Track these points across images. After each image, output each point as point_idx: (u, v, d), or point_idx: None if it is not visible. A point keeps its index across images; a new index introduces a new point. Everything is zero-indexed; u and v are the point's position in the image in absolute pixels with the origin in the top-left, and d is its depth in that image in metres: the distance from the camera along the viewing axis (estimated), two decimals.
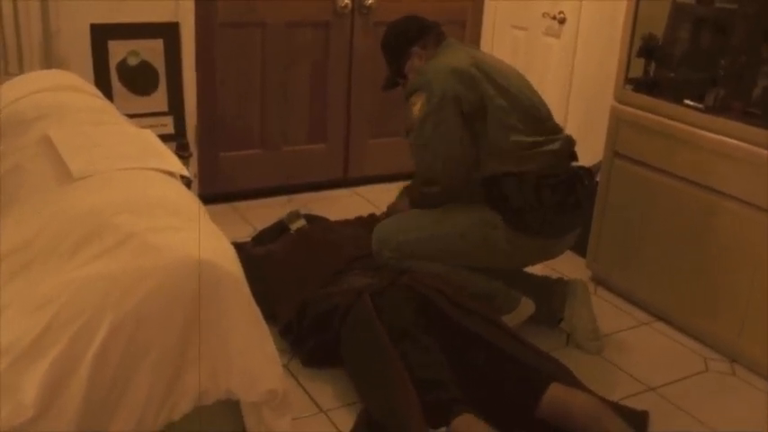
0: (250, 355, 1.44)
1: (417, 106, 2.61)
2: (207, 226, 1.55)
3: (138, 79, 3.47)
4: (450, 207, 2.71)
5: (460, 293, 2.57)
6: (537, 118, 2.68)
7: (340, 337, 2.48)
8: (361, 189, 4.23)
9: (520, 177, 2.58)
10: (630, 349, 2.80)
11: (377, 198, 4.10)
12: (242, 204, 3.91)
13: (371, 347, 2.38)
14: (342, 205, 4.02)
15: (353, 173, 4.25)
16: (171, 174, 1.71)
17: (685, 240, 2.83)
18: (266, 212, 3.82)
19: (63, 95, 2.05)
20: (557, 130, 2.75)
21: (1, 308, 1.36)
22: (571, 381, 2.36)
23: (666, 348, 2.83)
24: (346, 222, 3.19)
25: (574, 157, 2.76)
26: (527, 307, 2.73)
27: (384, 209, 3.93)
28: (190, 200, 1.65)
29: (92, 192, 1.57)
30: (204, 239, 1.43)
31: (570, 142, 2.73)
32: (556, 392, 2.27)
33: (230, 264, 1.43)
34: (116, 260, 1.36)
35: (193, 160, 3.68)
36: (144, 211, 1.49)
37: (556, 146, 2.65)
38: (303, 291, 2.66)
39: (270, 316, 2.73)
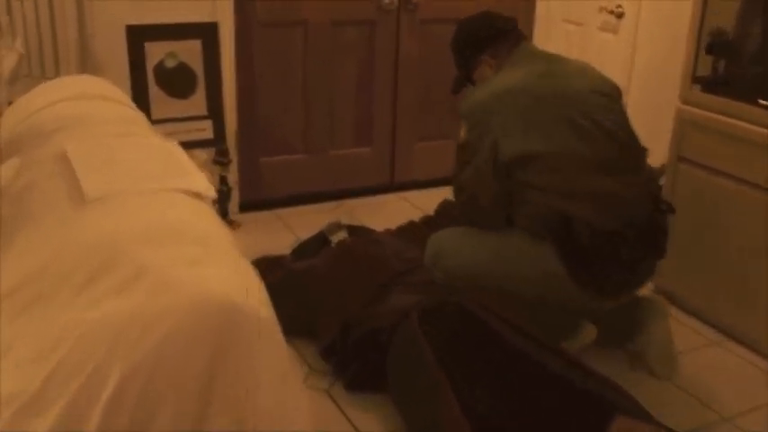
0: (279, 403, 1.28)
1: (462, 131, 2.45)
2: (234, 258, 1.38)
3: (176, 82, 3.35)
4: (510, 243, 2.40)
5: (514, 315, 2.39)
6: (615, 157, 2.35)
7: (385, 360, 2.32)
8: (409, 194, 4.05)
9: (594, 227, 2.26)
10: (700, 372, 2.57)
11: (425, 203, 3.91)
12: (285, 211, 3.76)
13: (418, 372, 2.22)
14: (389, 211, 3.85)
15: (400, 177, 4.08)
16: (197, 194, 1.56)
17: (760, 252, 2.60)
18: (310, 220, 3.67)
19: (87, 105, 1.90)
20: (638, 166, 2.42)
21: (2, 351, 1.22)
22: (638, 412, 2.16)
23: (740, 371, 2.60)
24: (388, 233, 3.01)
25: (657, 196, 2.47)
26: (589, 333, 2.52)
27: (431, 213, 3.78)
28: (216, 226, 1.48)
29: (105, 216, 1.41)
30: (231, 274, 1.26)
31: (653, 179, 2.48)
32: (622, 426, 2.08)
33: (259, 304, 1.27)
34: (129, 298, 1.20)
35: (233, 166, 3.55)
36: (163, 241, 1.32)
37: (634, 192, 2.34)
38: (346, 309, 2.50)
39: (310, 334, 2.62)
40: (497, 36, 2.54)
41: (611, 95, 2.46)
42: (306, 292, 2.63)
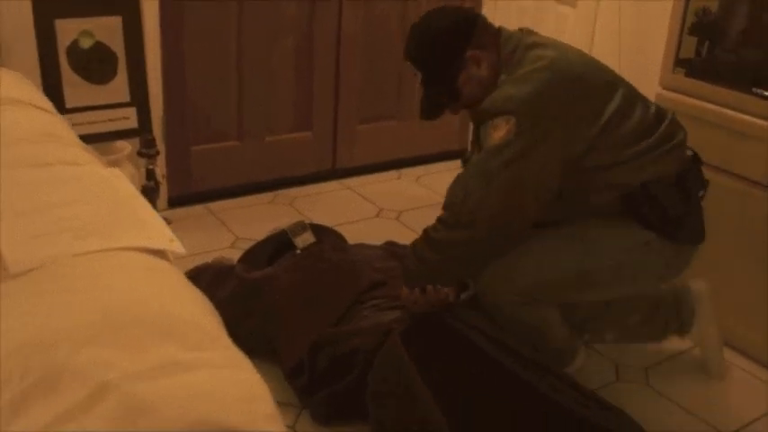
0: None
1: (501, 132, 1.95)
2: (226, 352, 1.04)
3: (94, 65, 2.92)
4: (591, 232, 2.09)
5: (499, 330, 2.16)
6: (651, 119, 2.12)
7: (363, 386, 2.05)
8: (352, 181, 3.75)
9: (664, 182, 2.04)
10: (693, 383, 2.40)
11: (369, 192, 3.64)
12: (218, 205, 3.41)
13: (404, 397, 1.96)
14: (331, 200, 3.56)
15: (342, 163, 3.77)
16: (156, 252, 1.19)
17: (750, 247, 2.43)
18: (247, 214, 3.35)
19: None
20: (661, 118, 2.15)
21: None
22: None
23: (735, 379, 2.44)
24: (363, 246, 2.68)
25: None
26: (582, 358, 2.32)
27: (378, 204, 3.51)
28: (193, 303, 1.13)
29: (37, 302, 1.03)
30: (226, 382, 0.93)
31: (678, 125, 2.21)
32: None
33: (271, 429, 0.94)
34: (87, 430, 0.86)
35: (161, 158, 3.17)
36: (122, 338, 0.97)
37: (680, 136, 2.13)
38: (315, 326, 2.19)
39: (272, 354, 2.31)
40: (475, 23, 2.12)
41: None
42: (266, 307, 2.31)
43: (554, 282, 2.08)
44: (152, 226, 1.26)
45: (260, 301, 2.34)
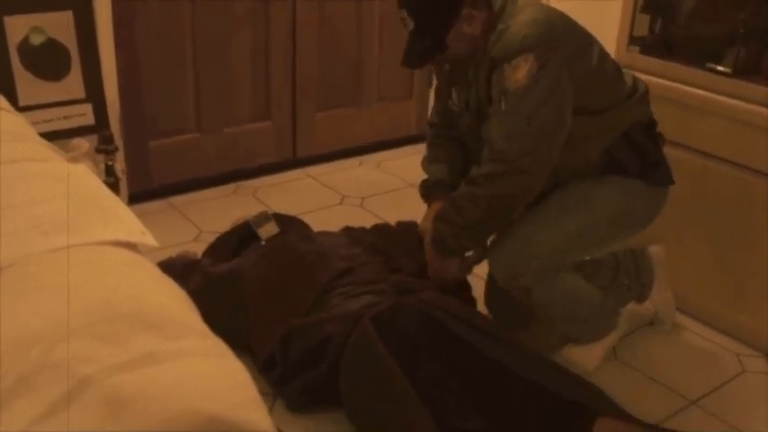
0: None
1: (523, 71, 1.97)
2: (207, 340, 1.04)
3: (46, 61, 2.86)
4: (578, 193, 2.17)
5: (469, 312, 2.18)
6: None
7: (337, 373, 2.06)
8: (313, 170, 3.74)
9: (640, 129, 2.19)
10: (657, 353, 2.46)
11: (331, 180, 3.64)
12: (180, 199, 3.38)
13: (379, 382, 1.97)
14: (294, 189, 3.55)
15: (303, 152, 3.75)
16: (129, 245, 1.18)
17: (706, 220, 2.49)
18: (209, 206, 3.33)
19: None
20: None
21: None
22: (614, 411, 2.01)
23: (696, 348, 2.50)
24: (326, 234, 2.67)
25: None
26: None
27: (340, 192, 3.51)
28: (170, 294, 1.13)
29: (8, 302, 1.02)
30: (211, 372, 0.93)
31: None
32: (603, 427, 1.93)
33: (255, 415, 0.95)
34: (68, 427, 0.86)
35: (120, 154, 3.12)
36: (100, 332, 0.96)
37: (643, 86, 2.24)
38: (284, 316, 2.19)
39: (244, 348, 2.30)
40: None
41: None
42: (231, 301, 2.30)
43: (562, 246, 2.14)
44: (123, 219, 1.25)
45: (226, 295, 2.32)
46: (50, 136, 2.81)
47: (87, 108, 2.98)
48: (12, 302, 1.03)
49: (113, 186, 3.04)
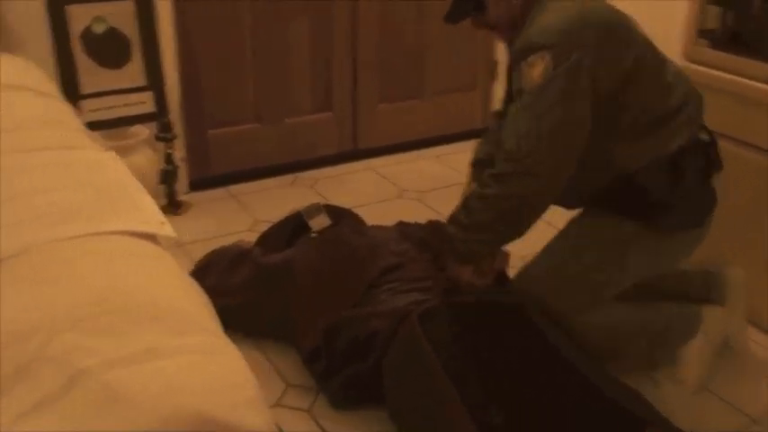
0: None
1: (539, 69, 1.88)
2: (212, 338, 1.01)
3: (107, 50, 2.90)
4: (574, 229, 2.13)
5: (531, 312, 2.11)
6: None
7: (381, 371, 2.02)
8: (374, 162, 3.70)
9: (654, 166, 2.00)
10: (718, 364, 2.33)
11: (393, 173, 3.59)
12: (238, 188, 3.39)
13: (423, 382, 1.92)
14: (354, 182, 3.52)
15: (363, 144, 3.72)
16: (147, 235, 1.16)
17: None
18: (268, 196, 3.33)
19: None
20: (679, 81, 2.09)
21: None
22: (665, 425, 1.91)
23: (763, 362, 2.36)
24: (379, 228, 2.62)
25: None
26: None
27: (399, 185, 3.46)
28: (180, 288, 1.10)
29: (12, 291, 1.01)
30: (207, 370, 0.90)
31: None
32: None
33: (252, 415, 0.91)
34: (62, 419, 0.84)
35: (179, 141, 3.15)
36: (102, 325, 0.95)
37: (691, 110, 2.06)
38: (332, 310, 2.16)
39: (287, 340, 2.29)
40: None
41: None
42: (282, 292, 2.28)
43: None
44: (141, 209, 1.23)
45: (277, 286, 2.31)
46: (111, 123, 2.88)
47: (148, 96, 3.01)
48: (12, 293, 1.02)
49: (172, 174, 3.08)
